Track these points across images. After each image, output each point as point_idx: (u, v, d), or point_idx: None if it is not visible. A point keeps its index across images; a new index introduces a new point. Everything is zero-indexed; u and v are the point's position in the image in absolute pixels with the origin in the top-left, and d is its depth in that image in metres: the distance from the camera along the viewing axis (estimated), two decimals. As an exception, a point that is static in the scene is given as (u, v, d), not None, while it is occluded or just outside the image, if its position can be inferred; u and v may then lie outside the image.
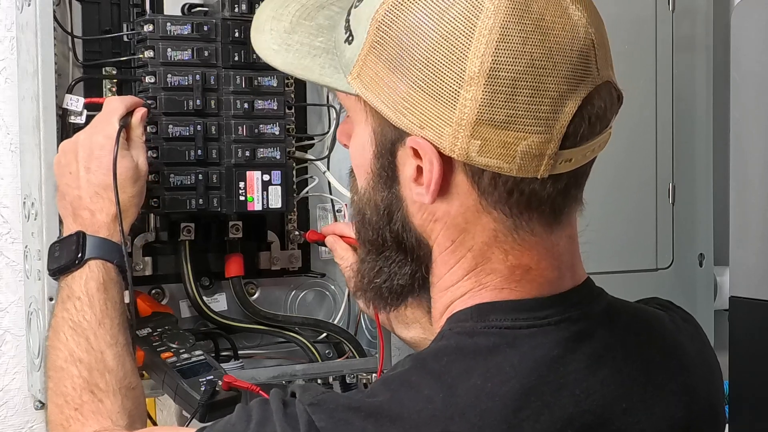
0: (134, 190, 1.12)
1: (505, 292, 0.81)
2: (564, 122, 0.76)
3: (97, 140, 1.11)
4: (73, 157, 1.12)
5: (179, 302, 1.34)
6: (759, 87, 1.48)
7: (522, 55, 0.74)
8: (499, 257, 0.81)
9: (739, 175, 1.51)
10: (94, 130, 1.13)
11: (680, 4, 1.64)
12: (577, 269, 0.85)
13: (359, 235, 0.89)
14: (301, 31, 0.87)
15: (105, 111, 1.15)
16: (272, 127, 1.28)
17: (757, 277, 1.48)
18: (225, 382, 1.13)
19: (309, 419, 0.76)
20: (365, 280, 0.89)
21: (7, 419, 1.34)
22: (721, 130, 1.65)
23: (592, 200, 0.86)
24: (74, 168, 1.11)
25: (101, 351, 1.04)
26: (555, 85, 0.75)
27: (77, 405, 1.01)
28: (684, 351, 0.89)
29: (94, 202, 1.10)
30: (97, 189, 1.10)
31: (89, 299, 1.06)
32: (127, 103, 1.16)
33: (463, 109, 0.75)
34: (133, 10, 1.30)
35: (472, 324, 0.81)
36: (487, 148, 0.76)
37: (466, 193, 0.79)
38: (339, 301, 1.45)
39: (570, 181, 0.79)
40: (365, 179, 0.86)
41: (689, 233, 1.66)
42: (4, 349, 1.33)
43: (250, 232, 1.34)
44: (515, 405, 0.76)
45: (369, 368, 1.38)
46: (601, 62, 0.77)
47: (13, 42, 1.31)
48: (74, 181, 1.11)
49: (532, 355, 0.79)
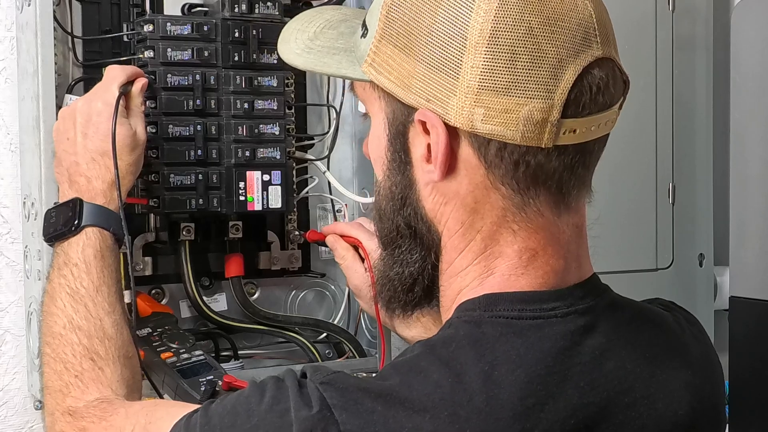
0: (131, 158, 1.11)
1: (512, 279, 0.82)
2: (564, 89, 0.77)
3: (95, 107, 1.11)
4: (71, 124, 1.11)
5: (179, 302, 1.34)
6: (759, 87, 1.48)
7: (521, 23, 0.77)
8: (507, 239, 0.82)
9: (739, 175, 1.51)
10: (93, 96, 1.12)
11: (680, 4, 1.64)
12: (584, 263, 0.86)
13: (378, 233, 0.90)
14: (324, 37, 0.92)
15: (105, 78, 1.14)
16: (272, 127, 1.28)
17: (757, 277, 1.48)
18: (225, 382, 1.13)
19: (321, 396, 0.76)
20: (381, 277, 0.90)
21: (7, 419, 1.34)
22: (721, 130, 1.65)
23: (593, 200, 0.86)
24: (72, 134, 1.10)
25: (100, 318, 1.03)
26: (554, 51, 0.77)
27: (77, 372, 1.00)
28: (688, 351, 0.89)
29: (90, 168, 1.09)
30: (94, 155, 1.09)
31: (86, 266, 1.05)
32: (128, 72, 1.15)
33: (465, 77, 0.78)
34: (133, 10, 1.30)
35: (480, 313, 0.82)
36: (490, 115, 0.78)
37: (474, 168, 0.81)
38: (339, 301, 1.45)
39: (576, 157, 0.80)
40: (381, 169, 0.87)
41: (689, 233, 1.66)
42: (4, 349, 1.33)
43: (250, 232, 1.34)
44: (521, 393, 0.77)
45: (369, 368, 1.38)
46: (601, 38, 0.79)
47: (13, 42, 1.31)
48: (71, 146, 1.10)
49: (539, 345, 0.79)
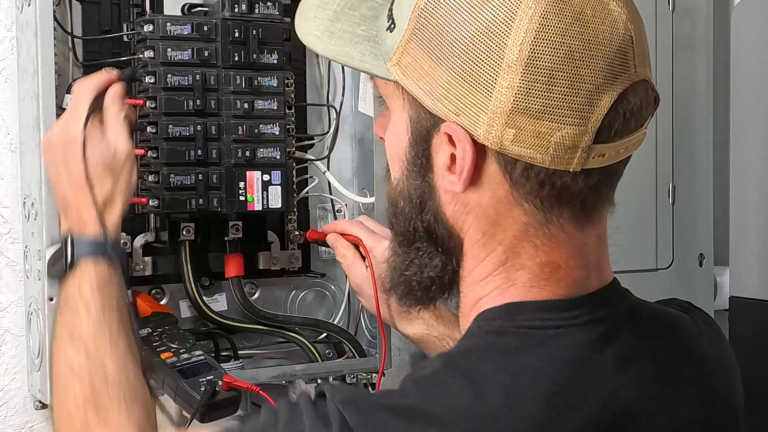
0: (115, 178, 1.06)
1: (534, 291, 0.81)
2: (599, 115, 0.76)
3: (69, 132, 1.06)
4: (54, 154, 1.07)
5: (179, 302, 1.34)
6: (759, 87, 1.48)
7: (561, 46, 0.75)
8: (529, 252, 0.81)
9: (739, 175, 1.51)
10: (65, 121, 1.08)
11: (680, 4, 1.64)
12: (604, 269, 0.85)
13: (392, 227, 0.89)
14: (345, 19, 0.88)
15: (73, 97, 1.09)
16: (272, 127, 1.28)
17: (757, 277, 1.48)
18: (225, 382, 1.13)
19: (341, 417, 0.75)
20: (396, 273, 0.89)
21: (7, 419, 1.33)
22: (721, 130, 1.65)
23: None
24: (57, 165, 1.07)
25: (101, 359, 0.99)
26: (592, 77, 0.75)
27: (82, 420, 0.97)
28: (704, 354, 0.89)
29: (77, 198, 1.05)
30: (79, 183, 1.05)
31: (85, 304, 1.02)
32: (97, 84, 1.09)
33: (499, 97, 0.76)
34: (133, 10, 1.30)
35: (501, 323, 0.81)
36: (521, 137, 0.76)
37: (498, 184, 0.79)
38: (339, 301, 1.45)
39: (601, 178, 0.80)
40: (399, 168, 0.86)
41: (689, 233, 1.66)
42: (4, 349, 1.33)
43: (250, 232, 1.34)
44: (543, 405, 0.76)
45: (369, 368, 1.38)
46: (638, 59, 0.78)
47: (13, 42, 1.31)
48: (57, 176, 1.07)
49: (559, 355, 0.78)
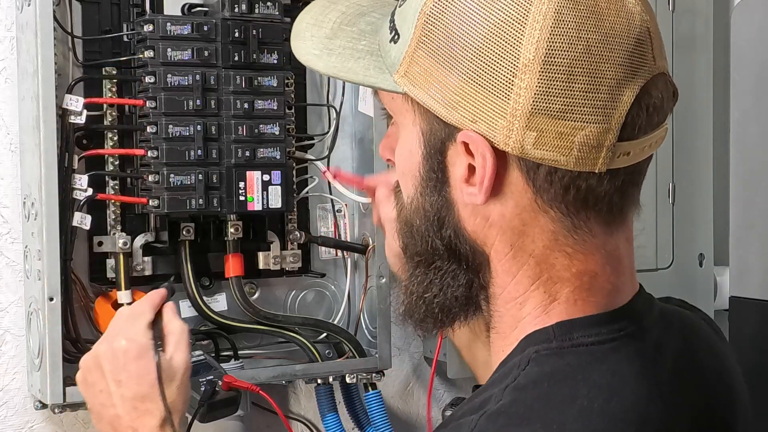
0: (172, 391, 1.03)
1: (580, 304, 0.77)
2: (622, 111, 0.73)
3: (120, 346, 1.02)
4: (99, 373, 1.03)
5: (179, 302, 1.34)
6: (759, 87, 1.48)
7: (578, 41, 0.71)
8: (563, 263, 0.77)
9: (739, 175, 1.51)
10: (114, 336, 1.04)
11: (680, 4, 1.64)
12: (634, 273, 0.83)
13: (407, 249, 0.83)
14: (343, 36, 0.83)
15: (131, 314, 1.07)
16: (272, 127, 1.28)
17: (757, 277, 1.48)
18: (225, 382, 1.13)
19: None
20: (414, 297, 0.83)
21: (7, 419, 1.33)
22: (721, 130, 1.65)
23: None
24: (104, 385, 1.02)
25: None
26: (612, 71, 0.72)
27: None
28: (720, 350, 0.89)
29: (134, 418, 1.00)
30: (135, 403, 1.00)
31: None
32: (153, 304, 1.08)
33: (517, 99, 0.72)
34: (133, 10, 1.30)
35: (558, 344, 0.76)
36: (543, 140, 0.72)
37: (521, 192, 0.75)
38: (339, 301, 1.45)
39: (627, 178, 0.76)
40: (413, 185, 0.80)
41: (689, 233, 1.66)
42: (4, 349, 1.33)
43: (250, 232, 1.34)
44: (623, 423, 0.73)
45: (369, 368, 1.39)
46: (657, 51, 0.75)
47: (13, 42, 1.31)
48: (107, 399, 1.02)
49: (620, 369, 0.76)
